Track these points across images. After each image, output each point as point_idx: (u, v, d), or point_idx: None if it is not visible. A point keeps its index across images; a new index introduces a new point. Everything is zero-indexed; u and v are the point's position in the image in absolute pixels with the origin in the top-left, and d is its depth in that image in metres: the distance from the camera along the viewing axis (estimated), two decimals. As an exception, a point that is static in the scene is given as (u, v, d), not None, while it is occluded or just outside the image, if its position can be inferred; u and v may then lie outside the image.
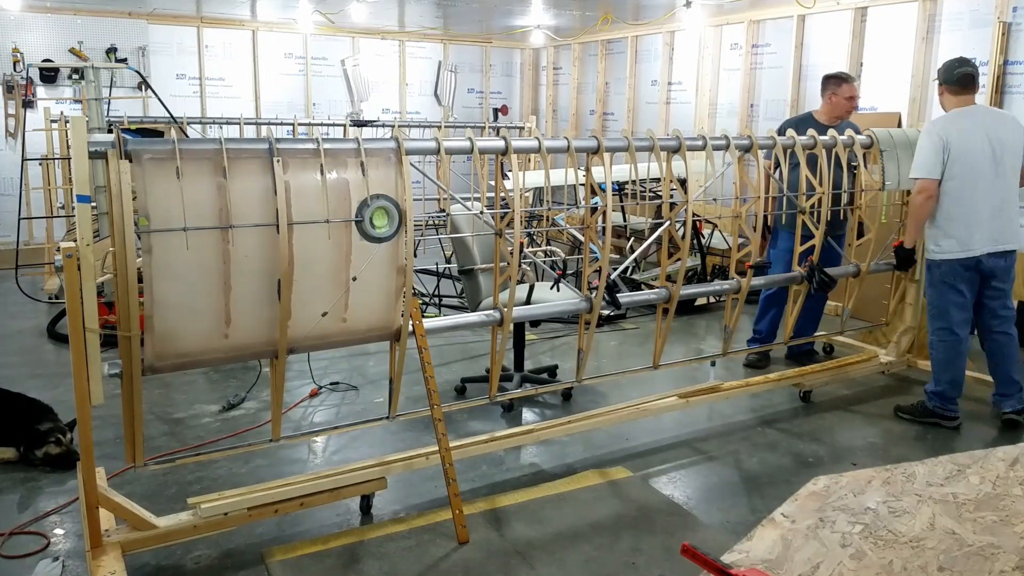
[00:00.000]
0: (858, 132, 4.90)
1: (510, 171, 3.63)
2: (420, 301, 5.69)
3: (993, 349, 4.53)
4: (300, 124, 8.65)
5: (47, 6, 8.94)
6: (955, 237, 4.33)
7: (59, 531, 3.36)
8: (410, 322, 3.41)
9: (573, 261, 7.22)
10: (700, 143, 4.12)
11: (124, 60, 9.29)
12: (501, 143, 3.60)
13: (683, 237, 4.08)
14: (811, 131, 4.62)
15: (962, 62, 4.40)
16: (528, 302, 4.32)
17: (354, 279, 3.20)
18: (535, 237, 7.45)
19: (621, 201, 7.19)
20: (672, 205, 4.16)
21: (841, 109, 5.29)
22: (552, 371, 5.23)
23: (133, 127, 7.16)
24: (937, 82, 4.47)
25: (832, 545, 2.24)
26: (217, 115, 8.97)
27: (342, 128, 8.88)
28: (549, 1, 8.63)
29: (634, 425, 4.43)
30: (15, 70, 9.00)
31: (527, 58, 12.20)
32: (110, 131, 5.74)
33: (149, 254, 2.84)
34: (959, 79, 4.34)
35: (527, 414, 4.75)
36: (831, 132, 4.64)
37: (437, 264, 6.83)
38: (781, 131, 5.01)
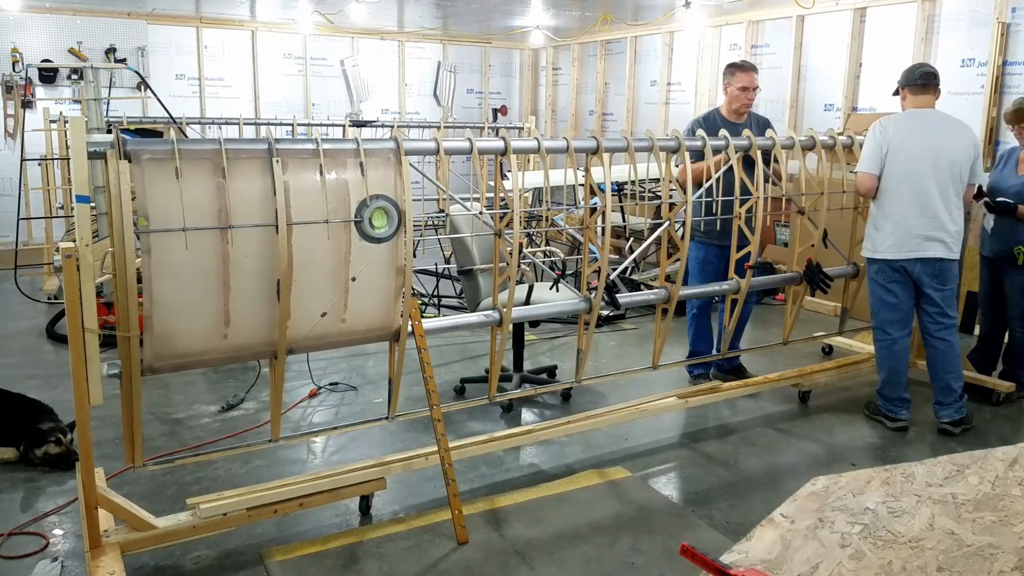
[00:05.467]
0: (765, 128, 4.69)
1: (509, 171, 3.63)
2: (419, 301, 5.69)
3: (931, 355, 4.45)
4: (299, 124, 8.64)
5: (46, 6, 8.94)
6: (886, 236, 4.30)
7: (58, 531, 3.36)
8: (409, 322, 3.41)
9: (572, 261, 7.22)
10: (699, 143, 4.13)
11: (123, 60, 9.29)
12: (500, 143, 3.60)
13: (682, 237, 4.08)
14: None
15: (922, 65, 4.46)
16: (527, 302, 4.32)
17: (353, 279, 3.20)
18: (534, 237, 7.45)
19: (620, 201, 7.19)
20: (671, 205, 4.16)
21: (737, 101, 4.81)
22: (551, 371, 5.23)
23: (132, 127, 7.15)
24: (898, 86, 4.43)
25: (831, 545, 2.24)
26: (216, 115, 8.97)
27: (341, 128, 8.88)
28: (548, 1, 8.63)
29: (633, 425, 4.43)
30: (14, 70, 9.00)
31: (526, 59, 12.20)
32: (109, 131, 5.74)
33: (148, 254, 2.84)
34: (920, 77, 4.33)
35: (526, 414, 4.75)
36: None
37: (436, 264, 6.83)
38: (691, 132, 4.63)
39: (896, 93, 4.48)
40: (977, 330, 5.39)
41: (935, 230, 4.23)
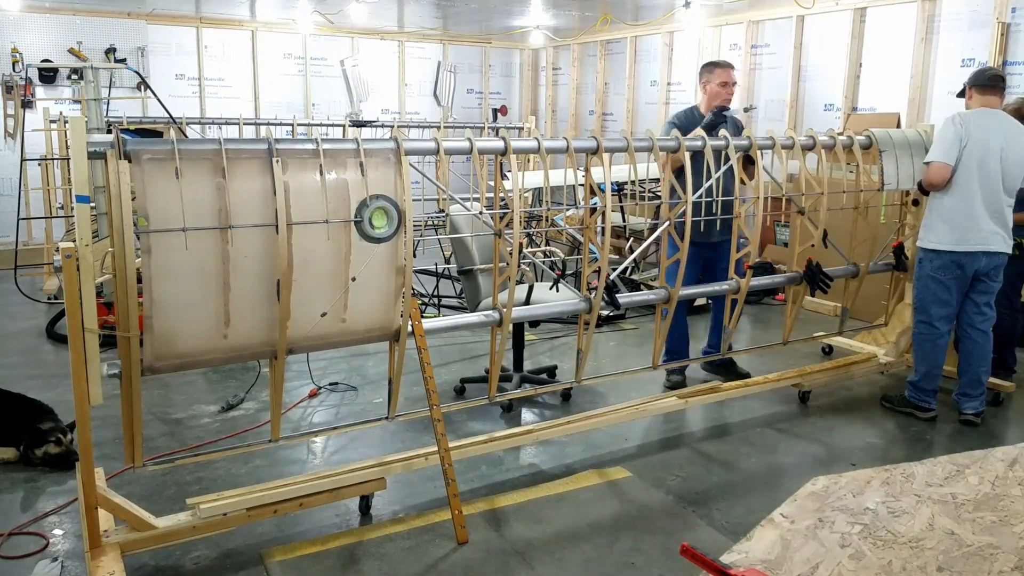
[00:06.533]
0: (739, 126, 4.78)
1: (509, 171, 3.63)
2: (419, 301, 5.69)
3: (968, 348, 4.55)
4: (299, 124, 8.64)
5: (46, 6, 8.94)
6: (955, 228, 4.35)
7: (58, 531, 3.36)
8: (409, 322, 3.41)
9: (572, 261, 7.22)
10: (699, 143, 4.13)
11: (123, 60, 9.29)
12: (500, 143, 3.60)
13: (682, 238, 4.08)
14: (811, 130, 4.61)
15: (991, 68, 4.65)
16: (527, 302, 4.32)
17: (353, 279, 3.20)
18: (534, 237, 7.45)
19: (620, 201, 7.19)
20: (671, 205, 4.16)
21: (717, 98, 4.89)
22: (551, 371, 5.23)
23: (132, 127, 7.16)
24: (966, 87, 4.53)
25: (831, 545, 2.24)
26: (216, 115, 8.98)
27: (341, 128, 8.88)
28: (548, 1, 8.63)
29: (633, 425, 4.43)
30: (14, 70, 9.00)
31: (526, 59, 12.20)
32: (109, 131, 5.74)
33: (148, 254, 2.84)
34: (989, 79, 4.44)
35: (526, 414, 4.75)
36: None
37: (436, 264, 6.83)
38: (667, 131, 4.63)
39: (961, 94, 4.57)
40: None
41: (999, 224, 4.38)
